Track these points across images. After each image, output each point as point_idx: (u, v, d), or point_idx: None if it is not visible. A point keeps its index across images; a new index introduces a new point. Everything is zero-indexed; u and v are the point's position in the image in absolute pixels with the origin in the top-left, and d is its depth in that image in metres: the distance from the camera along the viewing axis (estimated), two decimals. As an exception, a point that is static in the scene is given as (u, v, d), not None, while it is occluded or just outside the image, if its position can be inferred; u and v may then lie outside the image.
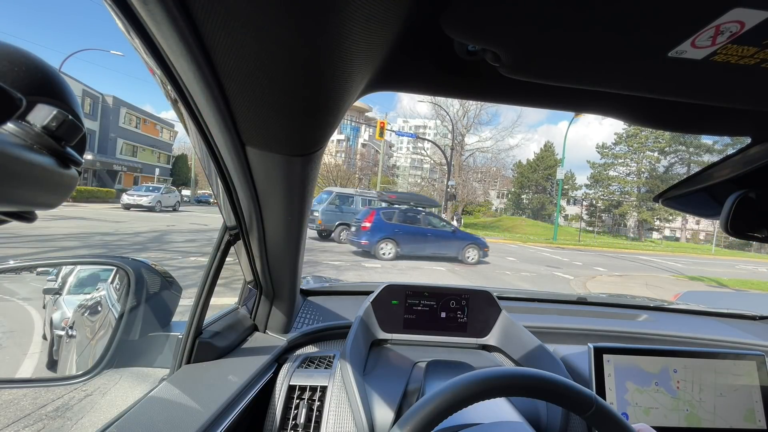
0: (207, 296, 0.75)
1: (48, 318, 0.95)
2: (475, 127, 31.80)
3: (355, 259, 8.57)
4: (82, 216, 12.49)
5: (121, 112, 29.82)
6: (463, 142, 31.38)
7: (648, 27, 0.28)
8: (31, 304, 0.99)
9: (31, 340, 0.94)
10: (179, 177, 38.08)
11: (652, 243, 35.63)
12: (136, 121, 31.76)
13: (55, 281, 1.00)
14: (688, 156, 36.51)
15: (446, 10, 0.30)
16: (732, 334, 1.24)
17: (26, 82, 0.20)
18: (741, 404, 0.77)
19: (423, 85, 0.48)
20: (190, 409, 0.61)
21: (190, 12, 0.28)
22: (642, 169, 38.38)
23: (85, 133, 0.24)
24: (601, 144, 40.44)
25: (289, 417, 0.78)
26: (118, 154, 29.46)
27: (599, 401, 0.46)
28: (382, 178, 35.38)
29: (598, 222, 39.40)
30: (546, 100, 0.49)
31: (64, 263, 1.07)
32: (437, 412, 0.42)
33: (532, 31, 0.30)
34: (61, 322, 0.95)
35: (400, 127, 50.51)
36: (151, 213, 17.31)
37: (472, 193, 34.27)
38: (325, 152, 0.57)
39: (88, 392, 2.11)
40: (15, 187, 0.18)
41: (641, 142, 37.29)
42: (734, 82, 0.34)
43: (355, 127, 53.85)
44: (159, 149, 35.43)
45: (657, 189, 33.24)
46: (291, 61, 0.32)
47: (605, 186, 39.96)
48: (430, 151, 36.94)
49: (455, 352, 1.03)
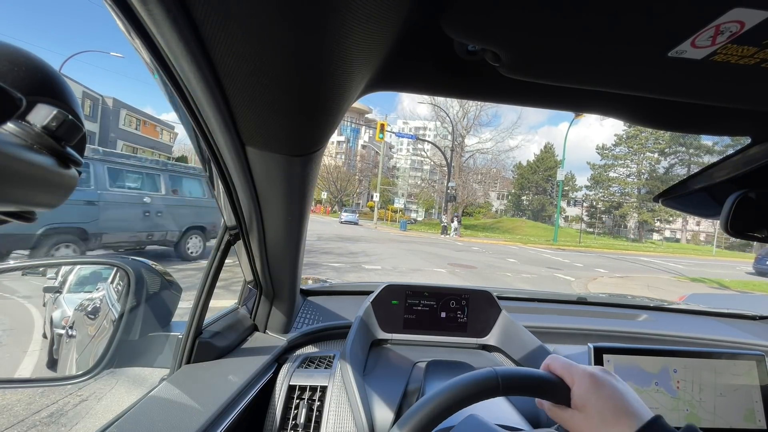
0: (207, 296, 0.75)
1: (48, 316, 0.96)
2: (475, 128, 31.84)
3: (355, 261, 8.59)
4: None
5: (121, 113, 29.85)
6: (463, 143, 31.28)
7: (648, 27, 0.28)
8: (31, 302, 0.99)
9: (31, 338, 0.94)
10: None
11: (652, 244, 35.57)
12: (136, 122, 31.75)
13: (55, 279, 0.99)
14: (688, 157, 36.54)
15: (446, 10, 0.30)
16: (732, 334, 1.24)
17: (26, 82, 0.20)
18: (741, 404, 0.78)
19: (423, 85, 0.48)
20: (190, 409, 0.61)
21: (190, 12, 0.28)
22: (642, 170, 38.37)
23: (85, 133, 0.24)
24: (601, 145, 40.48)
25: (289, 417, 0.78)
26: None
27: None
28: (382, 179, 35.33)
29: (598, 223, 39.39)
30: (546, 100, 0.49)
31: (64, 263, 1.07)
32: (438, 411, 0.41)
33: (532, 32, 0.30)
34: (62, 320, 0.95)
35: (400, 128, 50.62)
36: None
37: (472, 195, 34.08)
38: (325, 154, 0.57)
39: (83, 397, 2.08)
40: (15, 186, 0.18)
41: (641, 144, 37.31)
42: (734, 82, 0.34)
43: (355, 129, 53.95)
44: (159, 151, 35.23)
45: (657, 190, 32.88)
46: (291, 61, 0.32)
47: (605, 187, 39.94)
48: (430, 153, 36.85)
49: (455, 352, 1.03)
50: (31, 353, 0.92)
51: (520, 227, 36.58)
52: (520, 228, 36.15)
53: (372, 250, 11.30)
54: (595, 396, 0.41)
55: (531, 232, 33.42)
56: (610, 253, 20.29)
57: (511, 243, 21.67)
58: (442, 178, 38.77)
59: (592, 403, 0.41)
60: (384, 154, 36.79)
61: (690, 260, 20.25)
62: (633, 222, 40.77)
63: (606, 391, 0.41)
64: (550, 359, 0.47)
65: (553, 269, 10.55)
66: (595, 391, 0.41)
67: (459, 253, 12.65)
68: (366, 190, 49.72)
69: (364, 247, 11.72)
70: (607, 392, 0.41)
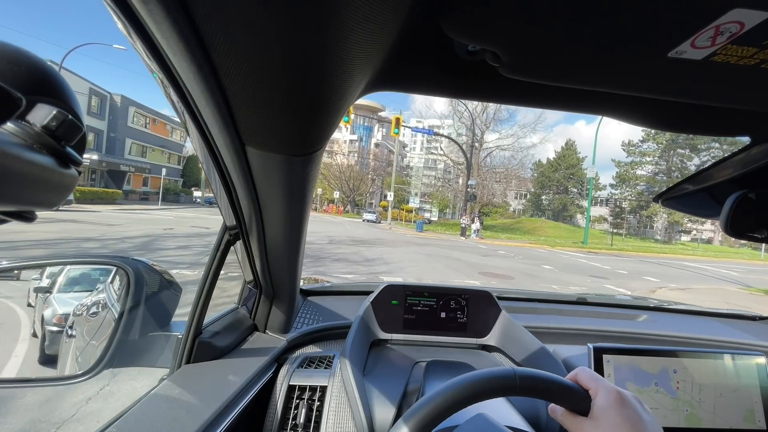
0: (207, 296, 0.75)
1: (39, 315, 0.96)
2: (495, 123, 30.20)
3: (372, 270, 7.38)
4: (74, 219, 11.71)
5: (130, 111, 28.61)
6: (482, 139, 29.49)
7: (648, 27, 0.28)
8: (14, 301, 1.00)
9: (18, 336, 0.95)
10: (190, 178, 36.95)
11: (684, 246, 33.54)
12: (145, 120, 30.60)
13: (39, 279, 1.01)
14: (722, 153, 34.10)
15: (446, 11, 0.30)
16: (731, 335, 1.24)
17: (26, 81, 0.20)
18: (741, 404, 0.78)
19: (423, 85, 0.48)
20: (190, 409, 0.62)
21: (190, 12, 0.27)
22: (672, 168, 36.12)
23: (85, 133, 0.24)
24: (627, 141, 38.44)
25: (288, 417, 0.78)
26: (127, 155, 28.44)
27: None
28: (396, 178, 33.93)
29: (624, 224, 37.03)
30: (546, 100, 0.49)
31: (63, 263, 1.06)
32: (442, 408, 0.42)
33: (532, 32, 0.30)
34: (53, 318, 0.97)
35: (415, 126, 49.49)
36: (150, 214, 16.69)
37: (490, 194, 32.59)
38: (337, 152, 0.98)
39: (83, 397, 2.01)
40: (15, 186, 0.18)
41: (671, 139, 35.02)
42: (734, 82, 0.34)
43: (368, 127, 52.32)
44: (169, 150, 34.19)
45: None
46: (291, 61, 0.32)
47: (632, 186, 37.82)
48: (447, 150, 35.30)
49: (455, 352, 1.03)
50: (18, 352, 0.94)
51: (541, 228, 34.88)
52: (541, 229, 34.48)
53: (390, 255, 10.17)
54: (616, 412, 0.42)
55: (554, 233, 31.81)
56: (648, 257, 18.74)
57: (537, 245, 20.09)
58: (458, 176, 36.97)
59: (611, 418, 0.41)
60: (398, 152, 35.26)
61: (740, 266, 18.46)
62: (661, 222, 38.68)
63: (629, 411, 0.42)
64: (579, 370, 0.48)
65: (598, 278, 9.48)
66: (618, 408, 0.42)
67: (486, 259, 11.40)
68: (379, 189, 48.19)
69: (381, 253, 10.56)
70: (630, 413, 0.42)
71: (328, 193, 42.50)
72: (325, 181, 41.20)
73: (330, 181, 41.56)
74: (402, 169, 50.93)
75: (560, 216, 41.96)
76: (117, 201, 21.83)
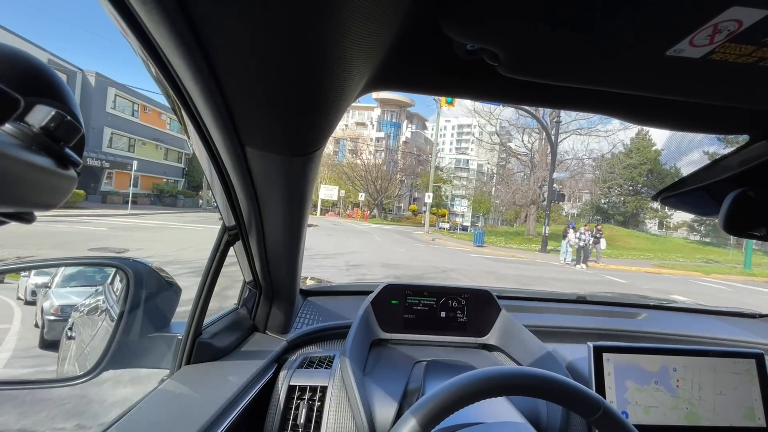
0: (206, 297, 0.75)
1: (39, 306, 0.99)
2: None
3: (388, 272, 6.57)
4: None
5: (109, 93, 21.85)
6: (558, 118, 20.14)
7: (646, 26, 0.28)
8: (4, 293, 1.02)
9: (11, 327, 0.97)
10: (194, 178, 30.59)
11: None
12: (131, 107, 24.26)
13: (27, 277, 1.04)
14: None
15: (445, 10, 0.30)
16: (731, 333, 1.24)
17: (24, 82, 0.20)
18: (740, 402, 0.79)
19: (422, 85, 0.48)
20: (190, 410, 0.62)
21: (188, 12, 0.28)
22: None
23: (84, 134, 0.24)
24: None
25: (289, 417, 0.78)
26: (105, 147, 21.85)
27: (606, 405, 0.48)
28: (434, 177, 27.16)
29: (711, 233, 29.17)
30: (545, 100, 0.50)
31: (63, 264, 1.07)
32: (449, 402, 0.43)
33: (531, 31, 0.30)
34: (51, 309, 1.00)
35: (442, 126, 47.91)
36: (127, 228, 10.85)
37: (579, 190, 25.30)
38: (362, 151, 0.86)
39: (82, 397, 2.01)
40: (13, 187, 0.18)
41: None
42: (732, 80, 0.34)
43: (396, 124, 46.41)
44: (165, 144, 27.31)
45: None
46: (289, 61, 0.32)
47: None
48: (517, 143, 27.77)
49: (455, 351, 1.04)
50: (8, 346, 0.95)
51: (616, 237, 26.02)
52: (618, 238, 25.74)
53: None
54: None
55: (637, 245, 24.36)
56: None
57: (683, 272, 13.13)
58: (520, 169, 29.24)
59: None
60: (436, 146, 31.03)
61: None
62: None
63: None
64: None
65: None
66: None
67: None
68: (408, 192, 43.26)
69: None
70: None
71: (353, 195, 37.10)
72: (349, 183, 36.85)
73: (355, 183, 36.86)
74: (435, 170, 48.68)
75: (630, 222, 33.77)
76: (77, 204, 15.88)
